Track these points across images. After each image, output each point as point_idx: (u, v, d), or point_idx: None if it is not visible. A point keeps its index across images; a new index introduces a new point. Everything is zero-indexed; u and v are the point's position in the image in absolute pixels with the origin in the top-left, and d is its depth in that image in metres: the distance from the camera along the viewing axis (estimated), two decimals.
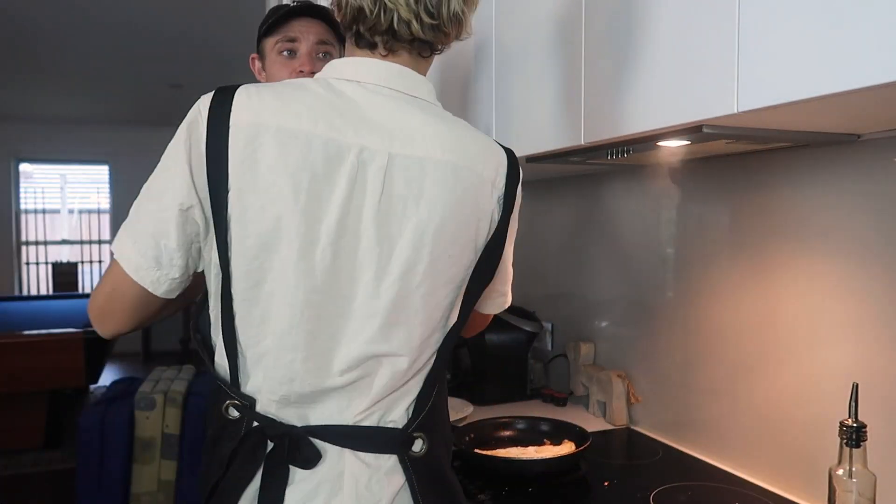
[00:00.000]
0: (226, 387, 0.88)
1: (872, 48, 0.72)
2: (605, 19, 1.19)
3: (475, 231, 0.90)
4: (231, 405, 0.88)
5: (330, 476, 0.86)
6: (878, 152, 1.12)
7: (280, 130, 0.82)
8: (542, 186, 2.15)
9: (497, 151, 0.95)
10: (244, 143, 0.82)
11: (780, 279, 1.29)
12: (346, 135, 0.83)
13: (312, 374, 0.86)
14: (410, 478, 0.88)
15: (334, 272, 0.84)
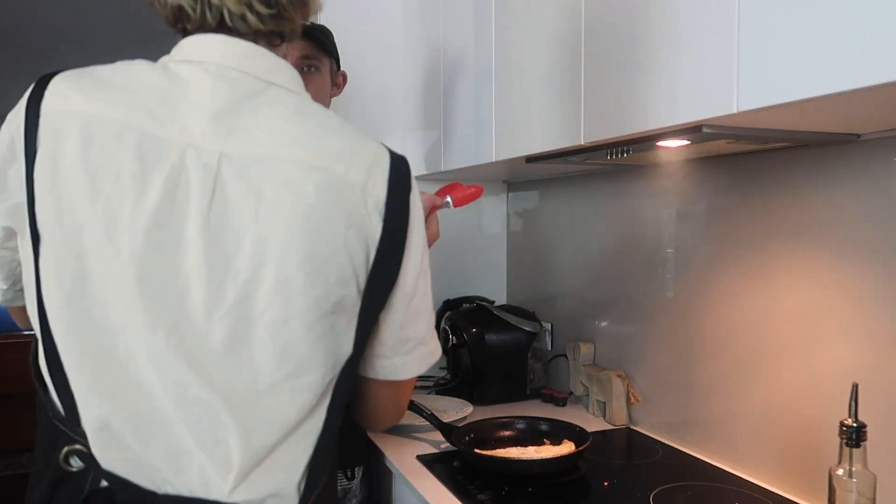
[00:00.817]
0: (63, 425, 0.72)
1: (872, 48, 0.72)
2: (606, 19, 1.19)
3: (343, 244, 0.72)
4: (71, 451, 0.71)
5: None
6: (878, 152, 1.12)
7: (89, 120, 0.68)
8: (542, 186, 2.15)
9: (371, 152, 0.76)
10: (51, 135, 0.69)
11: (780, 279, 1.29)
12: (168, 128, 0.69)
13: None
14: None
15: (149, 300, 0.67)
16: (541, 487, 1.31)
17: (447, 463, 1.42)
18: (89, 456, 0.69)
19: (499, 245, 2.34)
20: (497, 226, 2.34)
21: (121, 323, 0.68)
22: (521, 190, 2.27)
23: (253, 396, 0.70)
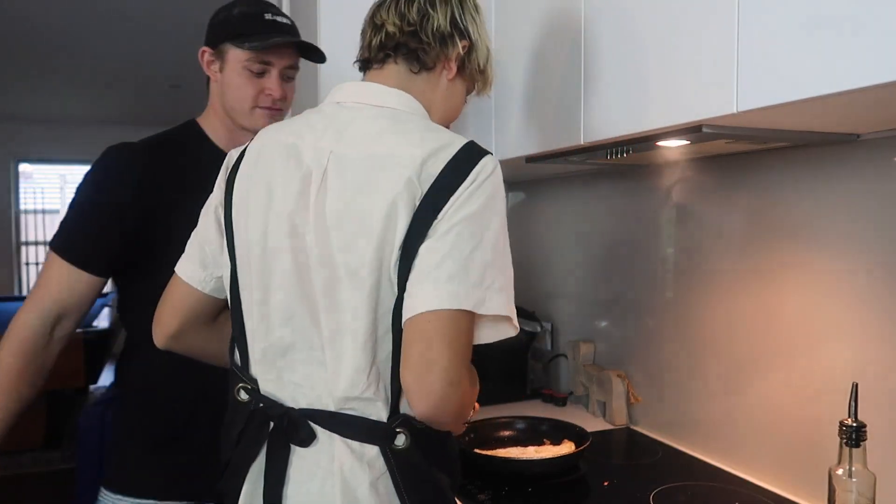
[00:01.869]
0: (237, 370, 1.01)
1: (872, 48, 0.72)
2: (605, 19, 1.19)
3: (382, 220, 0.86)
4: (241, 388, 0.98)
5: (324, 459, 0.91)
6: (877, 152, 1.12)
7: (264, 145, 0.99)
8: (543, 186, 2.15)
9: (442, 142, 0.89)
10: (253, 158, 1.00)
11: (781, 279, 1.29)
12: (305, 139, 0.95)
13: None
14: (392, 469, 0.90)
15: (292, 273, 0.94)
16: (541, 487, 1.31)
17: None
18: (252, 389, 0.97)
19: None
20: None
21: (277, 281, 0.94)
22: (521, 190, 2.27)
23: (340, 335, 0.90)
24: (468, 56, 1.03)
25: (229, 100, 1.32)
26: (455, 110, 1.08)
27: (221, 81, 1.33)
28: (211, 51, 1.34)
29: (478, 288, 0.85)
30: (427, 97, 1.01)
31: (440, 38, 1.00)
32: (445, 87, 1.03)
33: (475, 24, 1.04)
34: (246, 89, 1.31)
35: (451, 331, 0.84)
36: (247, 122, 1.32)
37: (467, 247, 0.85)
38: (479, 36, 1.04)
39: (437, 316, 0.83)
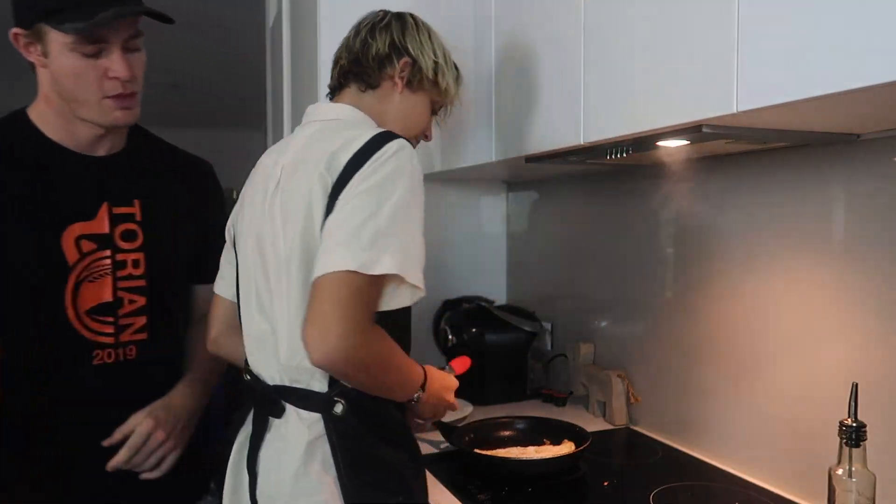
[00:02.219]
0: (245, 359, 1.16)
1: (872, 48, 0.72)
2: (605, 19, 1.19)
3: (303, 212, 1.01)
4: (244, 371, 1.16)
5: (283, 427, 1.07)
6: (878, 152, 1.12)
7: (256, 168, 1.18)
8: (542, 186, 2.15)
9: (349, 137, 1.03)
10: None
11: (780, 279, 1.29)
12: (271, 157, 1.13)
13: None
14: (330, 434, 1.01)
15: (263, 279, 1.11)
16: (541, 487, 1.31)
17: (447, 463, 1.42)
18: (248, 371, 1.14)
19: (499, 245, 2.34)
20: (497, 226, 2.34)
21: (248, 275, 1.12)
22: (521, 190, 2.27)
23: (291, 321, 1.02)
24: (413, 70, 1.19)
25: (67, 90, 1.12)
26: (417, 120, 1.23)
27: (50, 67, 1.11)
28: (24, 32, 1.10)
29: (367, 251, 0.93)
30: (377, 110, 1.18)
31: (379, 60, 1.18)
32: (399, 101, 1.20)
33: (416, 42, 1.19)
34: (84, 76, 1.10)
35: (339, 289, 0.93)
36: (96, 115, 1.14)
37: (361, 215, 0.95)
38: (422, 51, 1.19)
39: (329, 277, 0.93)
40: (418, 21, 1.23)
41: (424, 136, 1.30)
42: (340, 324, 0.92)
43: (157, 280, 1.26)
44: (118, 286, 1.21)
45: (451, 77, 1.24)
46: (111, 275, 1.20)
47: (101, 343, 1.20)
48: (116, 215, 1.22)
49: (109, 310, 1.20)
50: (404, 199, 0.98)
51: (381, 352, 1.00)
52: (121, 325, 1.22)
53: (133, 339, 1.23)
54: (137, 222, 1.23)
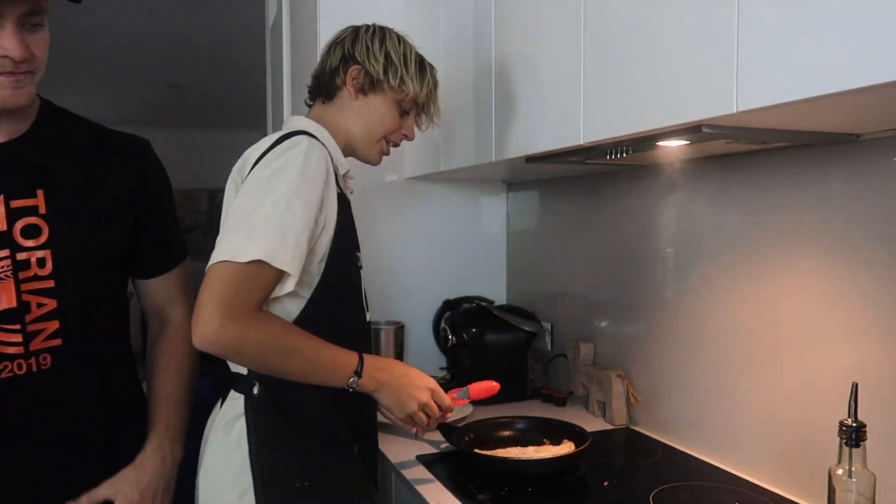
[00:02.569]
0: None
1: (872, 48, 0.72)
2: (605, 19, 1.19)
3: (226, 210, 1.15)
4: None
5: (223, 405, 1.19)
6: (877, 152, 1.12)
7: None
8: (542, 186, 2.15)
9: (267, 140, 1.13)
10: None
11: (780, 279, 1.29)
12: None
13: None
14: (247, 412, 1.12)
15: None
16: (541, 487, 1.31)
17: (447, 463, 1.42)
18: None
19: (499, 245, 2.34)
20: (497, 226, 2.34)
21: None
22: (521, 190, 2.27)
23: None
24: (364, 76, 1.26)
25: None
26: (379, 122, 1.29)
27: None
28: None
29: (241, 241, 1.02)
30: (338, 118, 1.28)
31: (331, 73, 1.28)
32: (356, 107, 1.28)
33: (363, 48, 1.27)
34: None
35: (211, 279, 1.02)
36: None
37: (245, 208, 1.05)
38: (368, 56, 1.26)
39: (209, 269, 1.03)
40: (375, 29, 1.30)
41: (404, 136, 1.35)
42: (207, 309, 1.00)
43: (69, 280, 1.09)
44: (22, 289, 1.05)
45: (410, 75, 1.27)
46: (12, 277, 1.04)
47: (8, 354, 1.05)
48: (15, 209, 1.05)
49: (14, 317, 1.05)
50: (288, 191, 1.05)
51: (259, 337, 1.05)
52: (29, 332, 1.06)
53: (46, 347, 1.07)
54: (41, 216, 1.06)
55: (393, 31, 1.31)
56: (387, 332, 1.98)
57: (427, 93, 1.31)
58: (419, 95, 1.30)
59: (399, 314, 2.11)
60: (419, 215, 2.22)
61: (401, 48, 1.29)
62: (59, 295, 1.09)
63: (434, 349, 2.16)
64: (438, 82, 1.36)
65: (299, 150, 1.09)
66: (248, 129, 7.48)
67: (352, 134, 1.29)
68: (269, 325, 1.06)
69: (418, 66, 1.30)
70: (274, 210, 1.04)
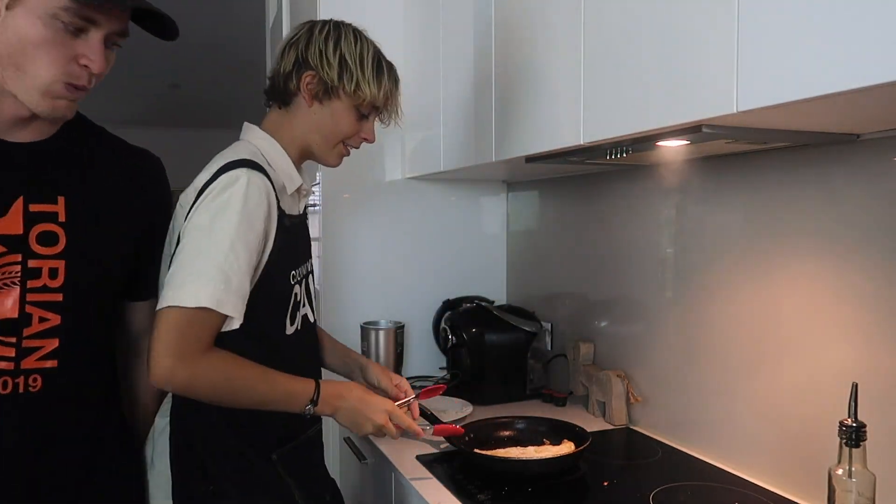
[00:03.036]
0: None
1: (872, 48, 0.72)
2: (605, 19, 1.19)
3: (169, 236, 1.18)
4: None
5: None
6: (877, 152, 1.12)
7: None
8: (542, 186, 2.15)
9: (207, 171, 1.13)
10: None
11: (780, 279, 1.29)
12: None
13: None
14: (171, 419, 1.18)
15: None
16: (541, 487, 1.31)
17: (447, 463, 1.42)
18: None
19: (499, 245, 2.34)
20: (497, 226, 2.34)
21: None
22: (521, 190, 2.27)
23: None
24: (318, 82, 1.21)
25: (19, 56, 0.91)
26: (335, 129, 1.25)
27: (9, 24, 0.90)
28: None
29: (186, 287, 1.04)
30: (293, 126, 1.25)
31: (285, 78, 1.23)
32: (311, 113, 1.24)
33: (316, 52, 1.21)
34: (51, 51, 0.91)
35: (160, 323, 1.04)
36: (35, 96, 0.94)
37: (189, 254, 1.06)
38: (321, 61, 1.20)
39: (158, 314, 1.05)
40: (330, 28, 1.24)
41: (363, 139, 1.31)
42: (158, 353, 1.03)
43: (79, 295, 1.02)
44: (26, 300, 0.97)
45: (366, 78, 1.22)
46: (19, 285, 0.97)
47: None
48: (34, 213, 0.98)
49: (12, 328, 0.97)
50: (230, 233, 1.06)
51: (210, 376, 1.08)
52: (24, 347, 0.97)
53: (38, 368, 0.98)
54: (60, 223, 1.00)
55: (349, 29, 1.26)
56: (387, 332, 1.98)
57: (385, 94, 1.26)
58: (377, 99, 1.25)
59: (399, 314, 2.11)
60: (419, 215, 2.22)
61: (357, 49, 1.23)
62: (65, 311, 1.01)
63: (434, 349, 2.16)
64: (399, 79, 1.31)
65: (238, 186, 1.08)
66: None
67: (308, 141, 1.26)
68: (220, 365, 1.09)
69: (375, 68, 1.24)
70: (217, 253, 1.05)
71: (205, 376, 1.07)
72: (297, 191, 1.26)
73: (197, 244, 1.07)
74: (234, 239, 1.06)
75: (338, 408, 1.19)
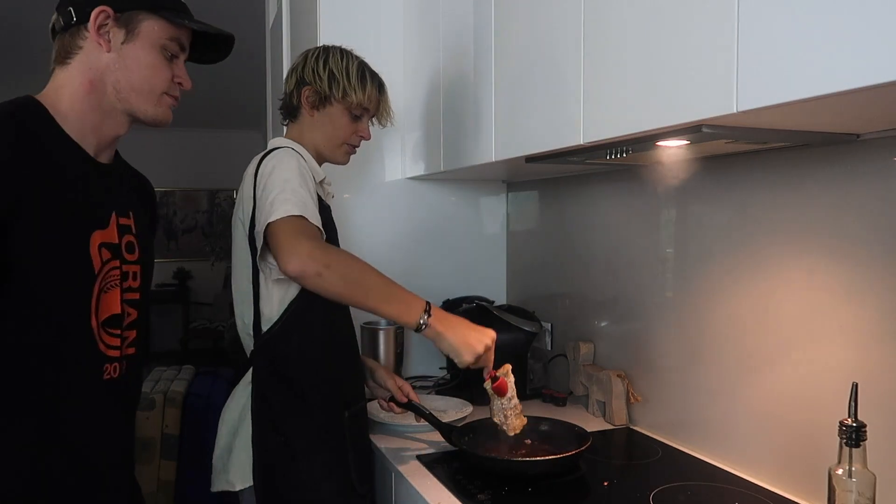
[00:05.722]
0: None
1: (872, 48, 0.72)
2: (605, 18, 1.19)
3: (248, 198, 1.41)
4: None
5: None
6: (877, 152, 1.12)
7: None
8: (542, 186, 2.15)
9: (253, 164, 1.41)
10: None
11: (780, 279, 1.29)
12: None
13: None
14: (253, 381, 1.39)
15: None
16: (541, 487, 1.31)
17: (447, 463, 1.42)
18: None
19: (498, 245, 2.34)
20: (497, 226, 2.34)
21: None
22: (521, 190, 2.27)
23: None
24: (313, 94, 1.47)
25: (136, 79, 1.13)
26: (335, 131, 1.49)
27: (125, 55, 1.12)
28: (114, 14, 1.10)
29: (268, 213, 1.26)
30: (304, 133, 1.50)
31: (288, 96, 1.52)
32: (315, 121, 1.49)
33: (311, 71, 1.47)
34: (160, 72, 1.15)
35: (277, 232, 1.25)
36: (151, 108, 1.16)
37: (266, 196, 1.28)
38: (314, 76, 1.47)
39: (269, 229, 1.26)
40: (320, 51, 1.50)
41: (361, 137, 1.53)
42: (287, 246, 1.23)
43: (145, 293, 1.23)
44: (124, 298, 1.15)
45: (352, 85, 1.46)
46: (119, 286, 1.14)
47: (110, 357, 1.13)
48: (122, 226, 1.16)
49: (117, 322, 1.14)
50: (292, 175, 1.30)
51: (344, 259, 1.27)
52: (123, 337, 1.16)
53: (127, 354, 1.17)
54: (134, 234, 1.19)
55: (336, 49, 1.51)
56: (387, 332, 1.98)
57: (370, 97, 1.49)
58: (363, 101, 1.48)
59: None
60: (419, 215, 2.22)
61: (342, 63, 1.48)
62: (141, 306, 1.20)
63: (434, 349, 2.15)
64: (384, 84, 1.54)
65: (287, 153, 1.36)
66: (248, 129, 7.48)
67: (317, 144, 1.50)
68: (349, 255, 1.27)
69: (359, 77, 1.48)
70: (289, 187, 1.27)
71: (339, 260, 1.23)
72: (321, 183, 1.46)
73: (272, 186, 1.28)
74: (299, 179, 1.29)
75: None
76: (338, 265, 1.22)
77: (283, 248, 1.22)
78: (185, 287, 7.42)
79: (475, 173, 2.04)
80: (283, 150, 1.37)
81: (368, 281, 1.25)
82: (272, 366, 1.36)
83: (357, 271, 1.24)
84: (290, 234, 1.23)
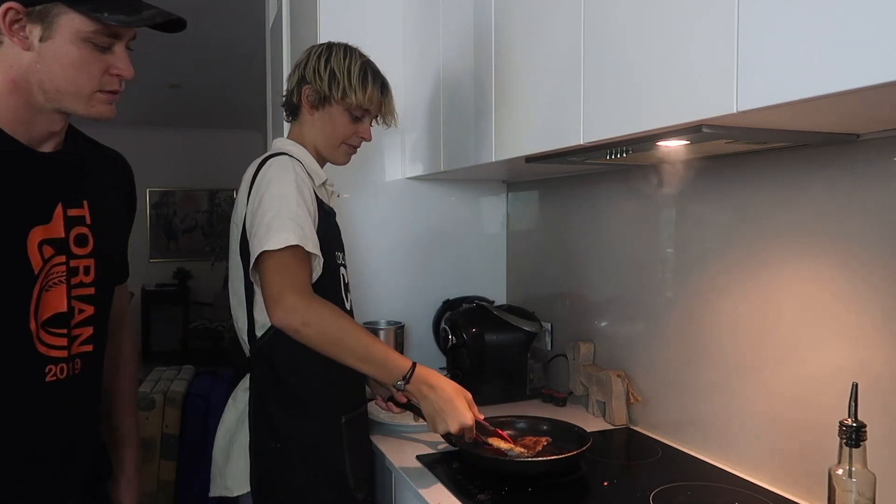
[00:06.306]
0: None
1: (872, 48, 0.72)
2: (605, 19, 1.19)
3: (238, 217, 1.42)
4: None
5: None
6: (877, 152, 1.12)
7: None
8: (542, 186, 2.15)
9: (253, 167, 1.39)
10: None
11: (780, 279, 1.29)
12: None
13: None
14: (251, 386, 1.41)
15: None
16: (541, 487, 1.31)
17: (447, 463, 1.42)
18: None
19: (498, 245, 2.34)
20: (497, 226, 2.34)
21: None
22: (521, 190, 2.27)
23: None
24: (313, 93, 1.44)
25: (60, 78, 1.02)
26: (335, 131, 1.47)
27: (45, 52, 1.00)
28: (24, 10, 0.98)
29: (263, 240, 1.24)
30: (304, 133, 1.48)
31: (290, 94, 1.49)
32: (315, 120, 1.47)
33: (311, 69, 1.45)
34: (88, 68, 1.02)
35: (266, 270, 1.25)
36: (82, 107, 1.05)
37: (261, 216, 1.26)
38: (315, 75, 1.44)
39: (259, 262, 1.26)
40: (323, 49, 1.47)
41: (361, 138, 1.50)
42: (274, 293, 1.24)
43: (104, 287, 1.16)
44: (71, 295, 1.09)
45: (353, 86, 1.43)
46: (66, 283, 1.08)
47: (54, 358, 1.08)
48: (70, 218, 1.09)
49: (63, 321, 1.08)
50: (291, 193, 1.29)
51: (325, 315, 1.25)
52: (72, 336, 1.10)
53: (80, 352, 1.12)
54: (88, 226, 1.11)
55: (341, 47, 1.47)
56: (387, 332, 1.98)
57: (371, 99, 1.45)
58: (363, 103, 1.44)
59: (399, 314, 2.11)
60: (419, 215, 2.22)
61: (345, 63, 1.44)
62: (97, 302, 1.14)
63: (434, 349, 2.16)
64: (388, 85, 1.50)
65: (285, 163, 1.33)
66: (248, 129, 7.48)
67: (316, 144, 1.48)
68: (330, 311, 1.25)
69: (361, 77, 1.44)
70: (286, 207, 1.25)
71: (319, 318, 1.22)
72: (323, 185, 1.47)
73: (268, 205, 1.27)
74: (297, 197, 1.28)
75: (426, 396, 1.27)
76: (318, 323, 1.22)
77: (268, 294, 1.23)
78: (185, 287, 7.42)
79: (475, 173, 2.04)
80: (281, 160, 1.34)
81: (347, 341, 1.24)
82: (269, 372, 1.37)
83: (335, 330, 1.23)
84: (279, 277, 1.23)
